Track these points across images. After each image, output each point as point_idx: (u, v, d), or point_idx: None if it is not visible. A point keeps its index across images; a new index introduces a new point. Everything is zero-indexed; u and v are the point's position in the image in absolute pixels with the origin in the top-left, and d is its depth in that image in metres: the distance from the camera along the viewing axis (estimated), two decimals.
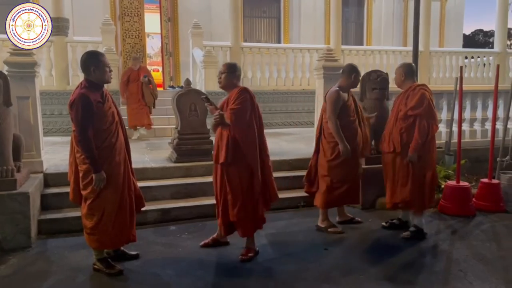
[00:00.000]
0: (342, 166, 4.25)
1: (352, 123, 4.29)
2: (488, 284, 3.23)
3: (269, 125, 9.88)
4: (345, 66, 4.43)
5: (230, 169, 3.59)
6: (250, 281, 3.31)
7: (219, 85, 3.81)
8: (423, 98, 4.03)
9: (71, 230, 4.23)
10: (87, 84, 3.31)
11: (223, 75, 3.71)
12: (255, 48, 10.08)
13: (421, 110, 4.02)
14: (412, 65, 4.39)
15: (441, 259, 3.71)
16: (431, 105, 4.06)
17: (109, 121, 3.33)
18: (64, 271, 3.48)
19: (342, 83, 4.31)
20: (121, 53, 10.38)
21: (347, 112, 4.26)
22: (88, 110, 3.18)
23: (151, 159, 5.76)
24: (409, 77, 4.22)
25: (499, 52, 11.68)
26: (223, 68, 3.76)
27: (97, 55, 3.42)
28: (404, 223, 4.40)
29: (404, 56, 10.96)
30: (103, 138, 3.28)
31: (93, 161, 3.21)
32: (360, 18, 13.48)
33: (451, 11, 14.05)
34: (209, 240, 3.97)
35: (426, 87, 4.18)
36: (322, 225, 4.42)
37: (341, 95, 4.21)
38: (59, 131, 8.40)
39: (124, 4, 10.36)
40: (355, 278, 3.33)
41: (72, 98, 3.24)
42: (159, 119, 8.54)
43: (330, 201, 4.37)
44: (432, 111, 4.08)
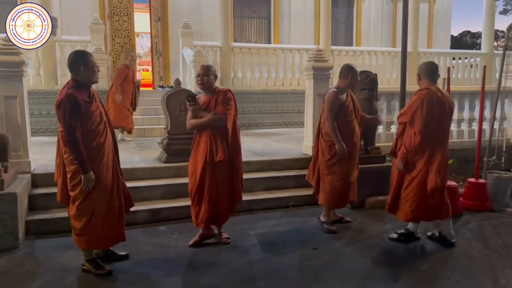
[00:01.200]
0: (340, 165, 4.28)
1: (349, 123, 4.32)
2: (475, 282, 3.28)
3: (259, 125, 9.91)
4: (342, 66, 4.42)
5: (223, 166, 3.81)
6: (239, 280, 3.31)
7: (199, 86, 3.93)
8: (414, 104, 3.80)
9: (60, 230, 4.20)
10: (74, 84, 3.28)
11: (205, 77, 3.85)
12: (245, 48, 10.08)
13: (406, 118, 3.87)
14: (429, 64, 4.01)
15: (429, 258, 3.76)
16: (420, 113, 3.73)
17: (97, 121, 3.31)
18: (53, 272, 3.45)
19: (340, 84, 4.34)
20: (110, 52, 10.31)
21: (345, 112, 4.28)
22: (75, 110, 3.16)
23: (140, 159, 5.73)
24: (425, 77, 3.89)
25: (486, 53, 11.85)
26: (205, 70, 3.88)
27: (86, 54, 3.40)
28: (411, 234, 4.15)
29: (393, 56, 11.07)
30: (92, 139, 3.26)
31: (82, 161, 3.18)
32: (350, 19, 13.56)
33: (439, 12, 14.20)
34: (197, 237, 4.03)
35: (429, 92, 3.78)
36: (323, 219, 4.50)
37: (339, 96, 4.25)
38: (47, 131, 8.31)
39: (113, 3, 10.31)
40: (344, 277, 3.36)
41: (59, 98, 3.21)
42: (149, 119, 8.51)
43: (333, 201, 4.40)
44: (419, 119, 3.73)
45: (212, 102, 3.84)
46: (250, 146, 6.97)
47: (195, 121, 3.86)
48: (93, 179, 3.23)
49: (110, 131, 3.46)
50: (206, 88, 3.90)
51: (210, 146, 3.79)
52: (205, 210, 3.86)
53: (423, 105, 3.74)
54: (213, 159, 3.78)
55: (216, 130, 3.80)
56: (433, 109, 3.75)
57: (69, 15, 10.30)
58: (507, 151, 6.02)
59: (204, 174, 3.82)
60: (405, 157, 3.88)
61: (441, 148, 3.84)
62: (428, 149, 3.81)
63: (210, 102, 3.85)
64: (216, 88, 3.93)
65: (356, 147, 4.42)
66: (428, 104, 3.74)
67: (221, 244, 4.01)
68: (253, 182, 5.43)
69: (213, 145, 3.79)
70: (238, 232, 4.33)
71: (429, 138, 3.79)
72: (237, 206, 4.21)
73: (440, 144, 3.84)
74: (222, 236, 4.08)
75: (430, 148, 3.81)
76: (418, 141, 3.77)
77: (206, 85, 3.88)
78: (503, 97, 6.55)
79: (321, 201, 4.48)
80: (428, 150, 3.81)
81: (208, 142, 3.80)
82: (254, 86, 9.94)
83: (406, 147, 3.86)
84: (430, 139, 3.80)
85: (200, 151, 3.85)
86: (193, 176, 3.90)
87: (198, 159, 3.86)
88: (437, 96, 3.79)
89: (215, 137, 3.80)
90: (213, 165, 3.80)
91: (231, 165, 3.90)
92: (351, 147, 4.30)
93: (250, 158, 5.95)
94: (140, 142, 7.45)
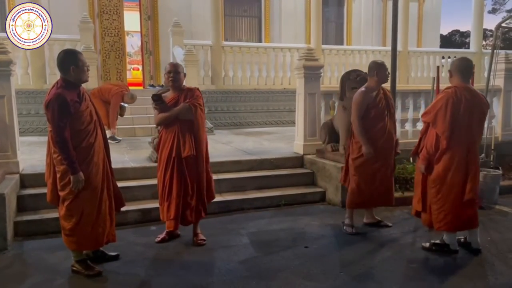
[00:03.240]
0: (366, 167, 4.17)
1: (380, 122, 4.17)
2: (462, 278, 3.31)
3: (250, 124, 9.91)
4: (369, 64, 4.29)
5: (191, 162, 3.83)
6: (232, 280, 3.30)
7: (170, 83, 3.91)
8: (438, 103, 3.54)
9: (49, 231, 4.16)
10: (63, 84, 3.24)
11: (176, 75, 3.87)
12: (236, 47, 10.07)
13: (429, 117, 3.60)
14: (463, 60, 3.71)
15: (419, 255, 3.79)
16: (443, 113, 3.47)
17: (86, 121, 3.27)
18: (42, 273, 3.41)
19: (369, 83, 4.24)
20: (100, 51, 10.22)
21: (376, 111, 4.16)
22: (64, 110, 3.13)
23: (131, 159, 5.70)
24: (456, 74, 3.61)
25: (474, 52, 11.97)
26: (176, 68, 3.91)
27: (76, 54, 3.36)
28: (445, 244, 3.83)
29: (383, 55, 11.11)
30: (81, 138, 3.23)
31: (71, 162, 3.15)
32: (340, 18, 13.60)
33: (428, 12, 14.30)
34: (164, 235, 4.07)
35: (457, 90, 3.51)
36: (345, 221, 4.41)
37: (367, 95, 4.14)
38: (36, 131, 8.23)
39: (102, 1, 10.21)
40: (335, 275, 3.37)
41: (48, 98, 3.18)
42: (139, 118, 8.45)
43: (357, 202, 4.32)
44: (442, 120, 3.47)
45: (181, 99, 3.86)
46: (241, 145, 6.96)
47: (163, 115, 3.86)
48: (82, 179, 3.19)
49: (100, 130, 3.43)
50: (176, 85, 3.90)
51: (178, 142, 3.80)
52: (173, 206, 3.84)
53: (448, 104, 3.46)
54: (181, 154, 3.78)
55: (184, 125, 3.81)
56: (459, 110, 3.46)
57: (58, 14, 10.13)
58: (495, 149, 6.08)
59: (172, 169, 3.82)
60: (427, 159, 3.63)
61: (473, 155, 3.58)
62: (457, 155, 3.52)
63: (179, 98, 3.86)
64: (184, 86, 3.96)
65: (388, 149, 4.23)
66: (454, 104, 3.45)
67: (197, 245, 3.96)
68: (244, 181, 5.43)
69: (180, 140, 3.79)
70: (229, 232, 4.33)
71: (456, 142, 3.50)
72: (212, 207, 4.23)
73: (471, 151, 3.56)
74: (198, 237, 4.03)
75: (458, 154, 3.53)
76: (445, 146, 3.50)
77: (177, 83, 3.89)
78: (491, 96, 6.61)
79: (346, 202, 4.39)
80: (457, 157, 3.52)
81: (176, 138, 3.80)
82: (245, 85, 9.93)
83: (427, 149, 3.62)
84: (457, 143, 3.51)
85: (168, 147, 3.84)
86: (162, 172, 3.90)
87: (166, 155, 3.85)
88: (465, 96, 3.48)
89: (183, 133, 3.80)
90: (180, 160, 3.80)
91: (198, 160, 3.87)
92: (380, 148, 4.14)
93: (241, 157, 5.95)
94: (131, 142, 7.40)
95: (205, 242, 4.00)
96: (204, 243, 3.99)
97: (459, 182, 3.57)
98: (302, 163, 5.99)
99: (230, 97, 9.83)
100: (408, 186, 5.37)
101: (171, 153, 3.82)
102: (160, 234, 4.10)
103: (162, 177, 3.90)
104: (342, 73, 5.09)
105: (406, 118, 6.66)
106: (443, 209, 3.62)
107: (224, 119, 9.77)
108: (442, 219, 3.64)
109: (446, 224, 3.65)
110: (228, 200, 5.06)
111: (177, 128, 3.82)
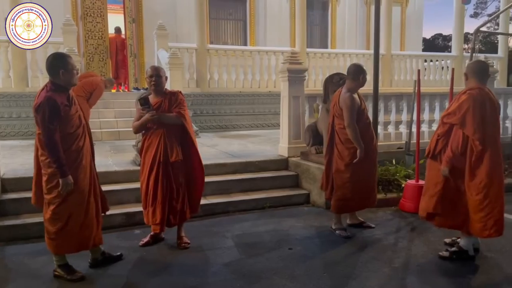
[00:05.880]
0: (361, 171, 4.14)
1: (368, 127, 4.23)
2: (444, 279, 3.38)
3: (236, 127, 9.94)
4: (351, 67, 4.25)
5: (178, 167, 3.83)
6: (216, 282, 3.31)
7: (152, 87, 3.90)
8: (464, 103, 3.41)
9: (31, 236, 4.11)
10: (53, 87, 3.23)
11: (158, 78, 3.87)
12: (221, 50, 10.10)
13: (456, 119, 3.45)
14: (479, 63, 3.70)
15: (401, 255, 3.85)
16: (472, 114, 3.36)
17: (76, 124, 3.28)
18: (23, 278, 3.38)
19: (350, 85, 4.18)
20: (84, 54, 10.14)
21: (363, 115, 4.17)
22: (55, 113, 3.13)
23: (114, 163, 5.66)
24: (473, 77, 3.54)
25: (456, 56, 12.20)
26: (157, 71, 3.90)
27: (65, 57, 3.35)
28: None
29: (367, 59, 11.25)
30: (71, 142, 3.24)
31: (60, 165, 3.14)
32: (325, 21, 13.74)
33: (411, 15, 14.55)
34: (148, 238, 4.06)
35: (482, 91, 3.44)
36: (333, 226, 4.40)
37: (355, 100, 4.10)
38: (18, 134, 8.11)
39: (86, 4, 10.15)
40: (318, 275, 3.41)
41: (38, 101, 3.17)
42: (123, 121, 8.40)
43: (350, 206, 4.33)
44: (471, 122, 3.35)
45: (165, 103, 3.85)
46: (227, 148, 6.97)
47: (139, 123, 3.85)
48: (71, 183, 3.19)
49: (88, 134, 3.45)
50: (158, 89, 3.90)
51: (165, 147, 3.79)
52: (158, 211, 3.84)
53: (476, 105, 3.37)
54: (168, 159, 3.78)
55: (171, 131, 3.81)
56: (486, 110, 3.40)
57: None
58: None
59: (157, 173, 3.81)
60: (452, 161, 3.48)
61: (498, 154, 3.48)
62: (495, 156, 3.41)
63: (162, 103, 3.86)
64: (166, 89, 3.96)
65: (375, 151, 4.29)
66: (482, 104, 3.39)
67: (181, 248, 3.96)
68: (229, 184, 5.45)
69: (167, 146, 3.79)
70: (214, 235, 4.34)
71: (490, 142, 3.40)
72: (200, 210, 4.24)
73: (497, 150, 3.46)
74: (182, 240, 4.02)
75: (496, 154, 3.42)
76: (480, 148, 3.35)
77: (159, 86, 3.88)
78: None
79: (333, 208, 4.35)
80: (495, 157, 3.41)
81: (162, 143, 3.80)
82: (230, 88, 9.96)
83: (453, 150, 3.46)
84: (491, 143, 3.41)
85: (153, 152, 3.83)
86: (146, 176, 3.88)
87: (150, 159, 3.84)
88: (489, 97, 3.45)
89: (170, 138, 3.80)
90: (167, 165, 3.80)
91: (186, 165, 3.89)
92: (372, 152, 4.20)
93: (226, 160, 5.96)
94: (115, 145, 7.35)
95: (189, 245, 4.00)
96: (188, 246, 3.99)
97: (501, 183, 3.47)
98: (287, 166, 6.03)
99: (216, 100, 9.84)
100: (391, 188, 5.45)
101: (156, 157, 3.79)
102: (144, 238, 4.09)
103: (146, 181, 3.89)
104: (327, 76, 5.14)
105: (388, 120, 6.76)
106: (492, 215, 3.40)
107: (209, 122, 9.77)
108: (493, 226, 3.41)
109: (497, 231, 3.43)
110: (213, 203, 5.07)
111: (163, 133, 3.80)
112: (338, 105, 4.20)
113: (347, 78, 4.28)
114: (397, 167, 5.71)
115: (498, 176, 3.46)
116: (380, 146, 6.02)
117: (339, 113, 4.18)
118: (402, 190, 5.28)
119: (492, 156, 3.41)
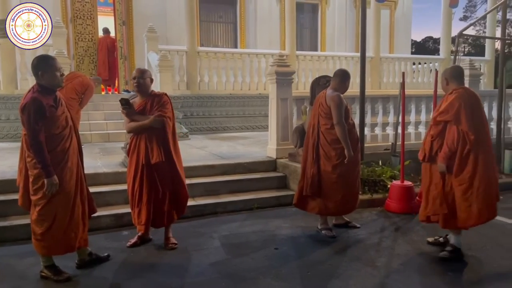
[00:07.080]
0: (349, 172, 4.19)
1: (352, 127, 4.26)
2: (425, 277, 3.46)
3: (226, 129, 9.99)
4: (338, 70, 4.36)
5: (161, 168, 3.85)
6: (201, 281, 3.36)
7: (135, 89, 3.97)
8: (454, 102, 3.59)
9: (18, 238, 4.12)
10: (39, 88, 3.27)
11: (141, 80, 3.90)
12: (212, 53, 10.15)
13: (449, 116, 3.60)
14: (455, 68, 3.93)
15: (384, 254, 3.92)
16: (464, 110, 3.54)
17: (62, 125, 3.31)
18: (10, 279, 3.39)
19: (336, 86, 4.24)
20: (74, 56, 10.14)
21: (348, 117, 4.21)
22: (40, 114, 3.16)
23: (103, 164, 5.68)
24: (453, 80, 3.73)
25: (443, 59, 12.37)
26: (141, 73, 3.94)
27: (46, 59, 3.38)
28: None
29: (356, 61, 11.36)
30: (56, 143, 3.26)
31: (45, 165, 3.17)
32: (315, 24, 13.84)
33: (399, 19, 14.70)
34: (136, 239, 4.09)
35: (467, 90, 3.71)
36: (319, 227, 4.44)
37: (343, 100, 4.15)
38: (7, 137, 8.09)
39: (76, 6, 10.15)
40: (302, 275, 3.46)
41: (24, 102, 3.20)
42: (113, 123, 8.41)
43: (339, 209, 4.36)
44: (464, 117, 3.53)
45: (148, 105, 3.91)
46: (216, 150, 7.02)
47: (135, 124, 3.90)
48: (56, 183, 3.21)
49: (75, 136, 3.48)
50: (142, 91, 3.94)
51: (146, 148, 3.85)
52: (144, 212, 3.90)
53: (466, 102, 3.58)
54: (149, 161, 3.83)
55: (152, 133, 3.85)
56: (475, 107, 3.62)
57: None
58: None
59: (141, 176, 3.88)
60: (448, 157, 3.62)
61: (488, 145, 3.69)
62: (477, 148, 3.57)
63: (146, 105, 3.92)
64: (152, 91, 4.00)
65: (359, 152, 4.36)
66: (470, 101, 3.61)
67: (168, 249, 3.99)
68: (217, 185, 5.50)
69: (148, 147, 3.84)
70: (201, 235, 4.38)
71: (484, 136, 3.63)
72: (189, 211, 4.29)
73: (487, 142, 3.66)
74: (169, 241, 4.06)
75: (479, 146, 3.58)
76: (472, 140, 3.52)
77: (142, 88, 3.93)
78: None
79: (320, 210, 4.33)
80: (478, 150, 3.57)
81: (143, 145, 3.86)
82: (220, 90, 10.01)
83: (449, 146, 3.59)
84: (485, 138, 3.64)
85: (136, 154, 3.91)
86: (131, 178, 3.95)
87: (136, 162, 3.91)
88: (474, 94, 3.69)
89: (150, 140, 3.85)
90: (149, 167, 3.85)
91: (169, 166, 3.90)
92: (358, 152, 4.28)
93: (215, 161, 6.01)
94: (104, 147, 7.36)
95: (177, 246, 4.04)
96: (176, 246, 4.03)
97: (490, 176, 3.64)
98: (275, 167, 6.09)
99: (206, 102, 9.88)
100: (377, 188, 5.54)
101: (139, 160, 3.88)
102: (132, 239, 4.12)
103: (132, 183, 3.95)
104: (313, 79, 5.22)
105: (376, 122, 6.85)
106: (477, 203, 3.59)
107: (199, 124, 9.81)
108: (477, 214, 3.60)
109: (480, 218, 3.62)
110: (201, 204, 5.11)
111: (145, 135, 3.87)
112: (325, 104, 4.20)
113: (333, 80, 4.32)
114: (383, 168, 5.79)
115: (485, 168, 3.58)
116: (367, 148, 6.15)
117: (326, 112, 4.19)
118: (388, 190, 5.36)
119: (482, 148, 3.59)
